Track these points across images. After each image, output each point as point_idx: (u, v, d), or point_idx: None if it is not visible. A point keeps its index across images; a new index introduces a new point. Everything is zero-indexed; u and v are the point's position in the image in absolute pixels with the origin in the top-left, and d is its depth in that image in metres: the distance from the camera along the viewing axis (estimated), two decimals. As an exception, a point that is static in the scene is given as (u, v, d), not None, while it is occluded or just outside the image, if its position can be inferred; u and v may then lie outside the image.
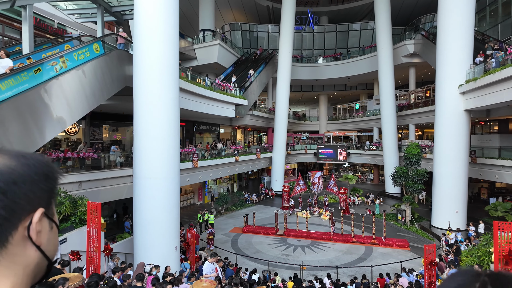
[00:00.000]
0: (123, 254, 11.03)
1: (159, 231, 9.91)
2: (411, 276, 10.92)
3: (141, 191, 9.95)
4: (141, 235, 9.96)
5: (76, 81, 9.70)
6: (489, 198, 21.92)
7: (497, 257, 5.19)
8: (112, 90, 11.23)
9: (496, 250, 5.16)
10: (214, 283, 6.54)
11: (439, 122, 17.73)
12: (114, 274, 7.09)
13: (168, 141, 10.08)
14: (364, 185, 34.19)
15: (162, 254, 9.83)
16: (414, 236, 17.51)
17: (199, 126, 25.53)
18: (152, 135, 9.86)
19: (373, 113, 33.82)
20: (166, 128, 10.02)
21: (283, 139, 29.23)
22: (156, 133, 9.87)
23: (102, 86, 10.75)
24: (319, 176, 24.01)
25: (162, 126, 9.93)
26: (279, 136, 28.98)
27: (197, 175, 19.45)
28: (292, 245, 16.47)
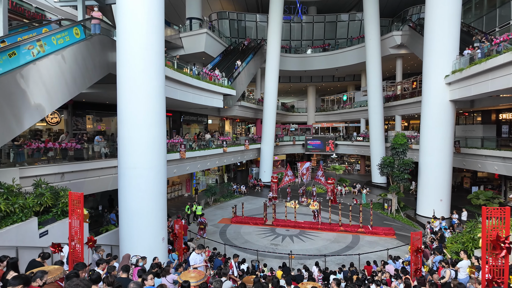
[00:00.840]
0: (108, 246, 10.75)
1: (146, 222, 9.67)
2: (397, 263, 11.08)
3: (126, 182, 9.65)
4: (126, 226, 9.70)
5: (55, 67, 9.20)
6: (472, 187, 22.52)
7: (485, 242, 5.22)
8: (94, 77, 10.75)
9: (484, 235, 5.18)
10: (203, 273, 6.40)
11: (425, 113, 17.93)
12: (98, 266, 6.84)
13: (154, 130, 9.76)
14: (351, 176, 34.61)
15: (148, 245, 9.61)
16: (400, 225, 17.84)
17: (187, 116, 25.08)
18: (136, 124, 9.52)
19: (360, 104, 34.04)
20: (152, 116, 9.68)
21: (272, 130, 29.10)
22: (141, 122, 9.53)
23: (83, 72, 10.27)
24: (307, 167, 24.08)
25: (147, 114, 9.59)
26: (267, 127, 28.83)
27: (184, 166, 19.17)
28: (281, 234, 16.52)
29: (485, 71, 14.30)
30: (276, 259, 13.29)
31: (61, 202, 9.12)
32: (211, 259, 11.53)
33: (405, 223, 17.98)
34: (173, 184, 24.90)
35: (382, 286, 8.25)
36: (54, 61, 9.18)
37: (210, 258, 11.51)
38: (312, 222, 17.79)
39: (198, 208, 18.23)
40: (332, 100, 41.11)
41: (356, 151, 33.85)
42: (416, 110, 25.00)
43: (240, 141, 28.32)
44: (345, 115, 36.92)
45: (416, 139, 24.04)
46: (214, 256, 11.70)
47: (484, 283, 5.16)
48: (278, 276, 8.40)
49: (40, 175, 10.09)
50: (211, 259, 11.53)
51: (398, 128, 28.86)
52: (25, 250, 7.57)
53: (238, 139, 29.05)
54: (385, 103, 28.92)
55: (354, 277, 9.26)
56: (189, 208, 18.26)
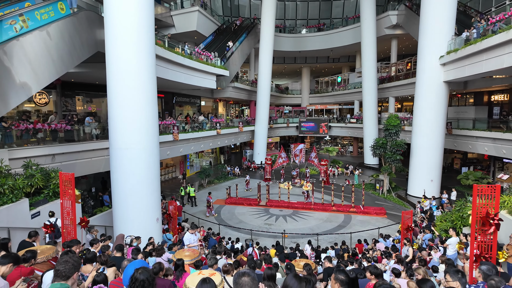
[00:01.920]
0: (102, 227, 10.76)
1: (139, 203, 9.64)
2: (388, 241, 11.35)
3: (118, 162, 9.53)
4: (120, 207, 9.67)
5: (41, 44, 8.81)
6: (462, 168, 22.93)
7: (474, 219, 5.31)
8: (82, 55, 10.38)
9: (474, 212, 5.26)
10: (197, 252, 6.45)
11: (419, 94, 17.92)
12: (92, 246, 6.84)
13: (145, 110, 9.56)
14: (344, 157, 34.93)
15: (142, 226, 9.63)
16: (391, 204, 18.19)
17: (179, 98, 24.69)
18: (127, 104, 9.29)
19: (354, 86, 33.88)
20: (142, 96, 9.45)
21: (266, 112, 28.91)
22: (131, 101, 9.30)
23: (70, 50, 9.88)
24: (301, 149, 24.15)
25: (138, 94, 9.35)
26: (261, 109, 28.62)
27: (177, 148, 19.03)
28: (274, 215, 16.74)
29: (480, 51, 14.21)
30: (269, 238, 13.51)
31: (52, 184, 9.00)
32: (205, 238, 11.67)
33: (396, 203, 18.35)
34: (167, 166, 24.84)
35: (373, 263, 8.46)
36: (39, 37, 8.79)
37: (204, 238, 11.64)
38: (305, 203, 18.02)
39: (191, 190, 18.30)
40: (327, 82, 40.80)
41: (349, 133, 33.99)
42: (410, 91, 24.98)
43: (234, 123, 28.13)
44: (339, 97, 36.78)
45: (409, 121, 24.15)
46: (209, 236, 11.83)
47: (472, 258, 5.29)
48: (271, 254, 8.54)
49: (30, 156, 9.89)
50: (205, 238, 11.67)
51: (392, 110, 28.92)
52: (17, 231, 7.51)
53: (232, 121, 28.86)
54: (379, 84, 28.80)
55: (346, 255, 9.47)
56: (183, 190, 18.30)
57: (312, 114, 38.42)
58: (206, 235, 12.17)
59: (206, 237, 11.83)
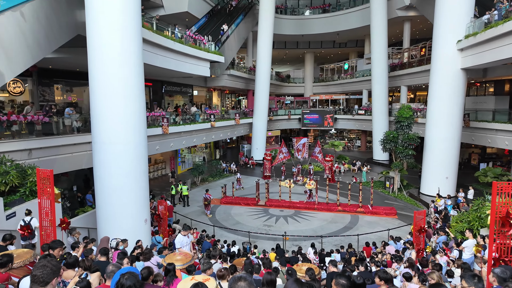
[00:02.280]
0: (85, 229, 10.76)
1: (126, 203, 9.64)
2: (398, 244, 11.42)
3: (102, 158, 9.50)
4: (104, 208, 9.67)
5: (14, 26, 8.71)
6: (480, 164, 23.04)
7: (494, 219, 5.34)
8: (61, 38, 10.28)
9: (493, 212, 5.29)
10: (189, 255, 6.46)
11: (434, 82, 17.91)
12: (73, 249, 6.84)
13: (131, 100, 9.50)
14: (350, 152, 35.01)
15: (129, 227, 9.64)
16: (402, 204, 18.30)
17: (169, 87, 24.58)
18: (111, 93, 9.22)
19: (363, 74, 33.83)
20: (128, 84, 9.39)
21: (265, 103, 28.85)
22: (116, 91, 9.24)
23: (48, 33, 9.78)
24: (303, 143, 24.18)
25: (122, 82, 9.28)
26: (260, 99, 28.56)
27: (168, 143, 19.02)
28: (274, 215, 16.81)
29: (502, 35, 14.17)
30: (269, 241, 13.57)
31: (29, 181, 8.97)
32: (199, 241, 11.71)
33: (408, 202, 18.45)
34: (156, 163, 24.83)
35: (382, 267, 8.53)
36: (12, 19, 8.68)
37: (198, 241, 11.68)
38: (308, 202, 18.10)
39: (183, 188, 18.32)
40: (332, 69, 40.69)
41: (357, 125, 34.01)
42: (424, 80, 24.96)
43: (230, 115, 28.08)
44: (346, 86, 36.71)
45: (423, 112, 24.17)
46: (203, 239, 11.88)
47: (490, 262, 5.34)
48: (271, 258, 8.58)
49: (3, 151, 9.85)
50: (199, 241, 11.71)
51: (404, 100, 28.93)
52: (-9, 233, 7.49)
53: (227, 113, 28.79)
54: (390, 72, 28.73)
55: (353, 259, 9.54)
56: (174, 188, 18.32)
57: (316, 105, 38.36)
58: (199, 237, 12.22)
59: (200, 240, 11.88)
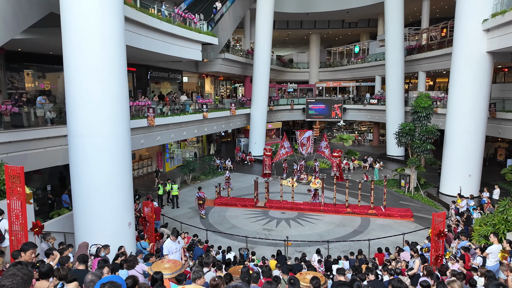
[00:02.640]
0: (61, 234, 10.80)
1: (107, 204, 9.65)
2: (415, 249, 11.51)
3: (79, 153, 9.48)
4: (82, 209, 9.68)
5: (-24, 2, 8.64)
6: (507, 159, 23.13)
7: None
8: (31, 17, 10.22)
9: (521, 212, 5.31)
10: (179, 263, 6.49)
11: (456, 67, 17.91)
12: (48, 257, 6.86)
13: (112, 87, 9.46)
14: (361, 147, 35.07)
15: (111, 231, 9.66)
16: (419, 205, 18.39)
17: (155, 72, 24.50)
18: (89, 79, 9.18)
19: (376, 58, 33.75)
20: (108, 69, 9.34)
21: (265, 91, 28.78)
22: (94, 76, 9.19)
23: (16, 11, 9.71)
24: (308, 136, 24.20)
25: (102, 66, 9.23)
26: (259, 87, 28.49)
27: (154, 136, 19.01)
28: (275, 218, 16.88)
29: (534, 13, 14.14)
30: (269, 246, 13.63)
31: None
32: (190, 247, 11.77)
33: (426, 203, 18.55)
34: (141, 159, 24.83)
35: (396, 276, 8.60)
36: (-26, -6, 8.60)
37: (189, 247, 11.74)
38: (313, 203, 18.17)
39: (174, 187, 18.34)
40: (341, 53, 40.57)
41: (368, 117, 34.01)
42: (445, 64, 24.93)
43: (225, 105, 28.02)
44: (357, 72, 36.64)
45: (443, 101, 24.17)
46: (194, 244, 11.93)
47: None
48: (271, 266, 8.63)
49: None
50: (190, 247, 11.77)
51: (422, 88, 28.92)
52: (-46, 239, 7.50)
53: (222, 102, 28.74)
54: (406, 56, 28.69)
55: (363, 267, 9.60)
56: (162, 188, 18.32)
57: (322, 94, 38.32)
58: (190, 243, 12.27)
59: (191, 246, 11.93)
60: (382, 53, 30.94)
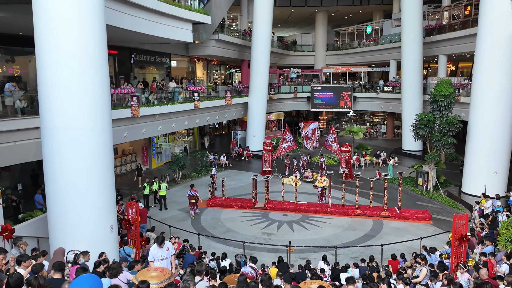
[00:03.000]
0: (34, 239, 10.83)
1: (85, 205, 9.63)
2: (433, 256, 11.59)
3: (53, 148, 9.45)
4: (58, 211, 9.67)
5: None
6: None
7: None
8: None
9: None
10: (168, 272, 6.54)
11: (482, 50, 17.89)
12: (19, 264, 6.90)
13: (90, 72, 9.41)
14: (374, 141, 35.11)
15: (91, 236, 9.66)
16: (438, 206, 18.48)
17: (140, 56, 24.40)
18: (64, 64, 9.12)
19: (390, 40, 33.70)
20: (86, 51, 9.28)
21: (264, 77, 28.72)
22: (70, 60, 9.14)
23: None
24: (313, 129, 24.22)
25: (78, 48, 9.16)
26: (258, 73, 28.43)
27: (139, 129, 18.97)
28: (276, 221, 16.94)
29: None
30: (269, 252, 13.70)
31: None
32: (180, 254, 11.81)
33: (446, 204, 18.63)
34: (124, 154, 24.80)
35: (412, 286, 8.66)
36: None
37: (179, 253, 11.78)
38: (319, 204, 18.22)
39: (161, 186, 18.34)
40: (351, 34, 40.48)
41: (382, 106, 34.00)
42: (469, 47, 24.88)
43: (219, 93, 27.97)
44: (369, 55, 36.56)
45: (467, 89, 24.16)
46: (185, 250, 11.98)
47: (548, 277, 5.42)
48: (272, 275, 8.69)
49: None
50: (180, 254, 11.81)
51: (442, 74, 28.89)
52: None
53: (216, 90, 28.67)
54: (425, 37, 28.60)
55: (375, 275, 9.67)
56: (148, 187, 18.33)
57: (330, 80, 38.26)
58: (181, 249, 12.31)
59: (182, 252, 11.98)
60: (398, 34, 30.86)
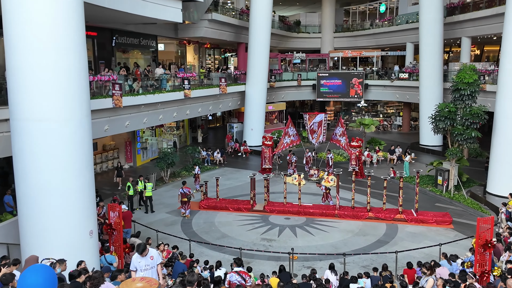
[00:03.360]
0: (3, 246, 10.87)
1: (61, 207, 9.65)
2: (454, 264, 11.61)
3: (25, 142, 9.44)
4: (30, 214, 9.68)
5: None
6: None
7: None
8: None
9: None
10: (155, 282, 6.59)
11: (510, 32, 17.86)
12: (-13, 274, 6.91)
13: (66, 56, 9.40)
14: (388, 135, 35.12)
15: (68, 243, 9.68)
16: (460, 208, 18.51)
17: (122, 38, 24.32)
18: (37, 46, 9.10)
19: (407, 20, 33.64)
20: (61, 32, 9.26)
21: (264, 62, 28.68)
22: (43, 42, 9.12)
23: None
24: (320, 121, 24.19)
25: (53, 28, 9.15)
26: (257, 57, 28.37)
27: (121, 121, 18.94)
28: (277, 225, 16.96)
29: None
30: (269, 261, 13.72)
31: None
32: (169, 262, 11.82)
33: (469, 206, 18.64)
34: (105, 150, 24.75)
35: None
36: None
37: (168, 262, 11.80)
38: (326, 206, 18.24)
39: (147, 186, 18.30)
40: (362, 13, 40.39)
41: (397, 95, 33.96)
42: (495, 28, 24.86)
43: (213, 81, 27.88)
44: (383, 38, 36.48)
45: (493, 76, 24.13)
46: (174, 259, 11.99)
47: None
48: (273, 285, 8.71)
49: None
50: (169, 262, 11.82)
51: (466, 59, 28.86)
52: None
53: (209, 77, 28.58)
54: (446, 17, 28.53)
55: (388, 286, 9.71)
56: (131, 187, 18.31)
57: (338, 66, 38.21)
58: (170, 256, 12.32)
59: (171, 260, 11.99)
60: (416, 13, 30.79)
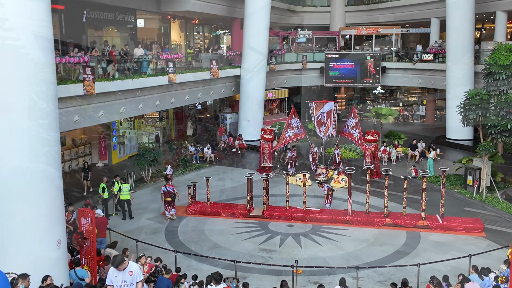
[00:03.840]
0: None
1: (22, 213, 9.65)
2: (486, 279, 11.66)
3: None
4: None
5: None
6: None
7: None
8: None
9: None
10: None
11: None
12: None
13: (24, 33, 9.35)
14: (409, 127, 35.15)
15: (31, 254, 9.70)
16: (493, 213, 18.55)
17: (95, 13, 24.25)
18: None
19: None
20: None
21: (263, 41, 28.66)
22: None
23: None
24: (329, 111, 24.21)
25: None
26: (254, 35, 28.39)
27: (94, 111, 18.93)
28: (279, 233, 16.98)
29: None
30: (269, 275, 13.75)
31: None
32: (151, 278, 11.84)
33: (504, 211, 18.65)
34: (76, 145, 24.71)
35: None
36: None
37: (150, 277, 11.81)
38: (336, 211, 18.25)
39: (123, 188, 18.28)
40: (378, -17, 40.31)
41: (420, 81, 33.92)
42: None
43: (202, 63, 27.85)
44: (403, 12, 36.43)
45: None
46: (157, 273, 12.00)
47: None
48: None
49: None
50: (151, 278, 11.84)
51: (501, 37, 28.86)
52: None
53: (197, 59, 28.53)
54: (478, -12, 28.56)
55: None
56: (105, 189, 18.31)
57: (350, 46, 38.15)
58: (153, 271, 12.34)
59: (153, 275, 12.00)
60: (442, -17, 30.79)
